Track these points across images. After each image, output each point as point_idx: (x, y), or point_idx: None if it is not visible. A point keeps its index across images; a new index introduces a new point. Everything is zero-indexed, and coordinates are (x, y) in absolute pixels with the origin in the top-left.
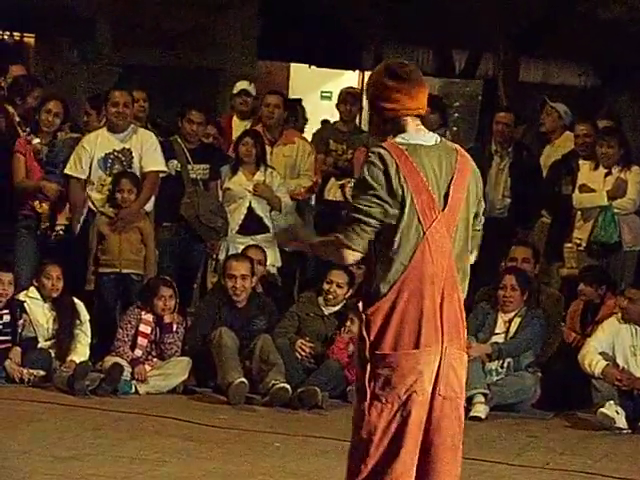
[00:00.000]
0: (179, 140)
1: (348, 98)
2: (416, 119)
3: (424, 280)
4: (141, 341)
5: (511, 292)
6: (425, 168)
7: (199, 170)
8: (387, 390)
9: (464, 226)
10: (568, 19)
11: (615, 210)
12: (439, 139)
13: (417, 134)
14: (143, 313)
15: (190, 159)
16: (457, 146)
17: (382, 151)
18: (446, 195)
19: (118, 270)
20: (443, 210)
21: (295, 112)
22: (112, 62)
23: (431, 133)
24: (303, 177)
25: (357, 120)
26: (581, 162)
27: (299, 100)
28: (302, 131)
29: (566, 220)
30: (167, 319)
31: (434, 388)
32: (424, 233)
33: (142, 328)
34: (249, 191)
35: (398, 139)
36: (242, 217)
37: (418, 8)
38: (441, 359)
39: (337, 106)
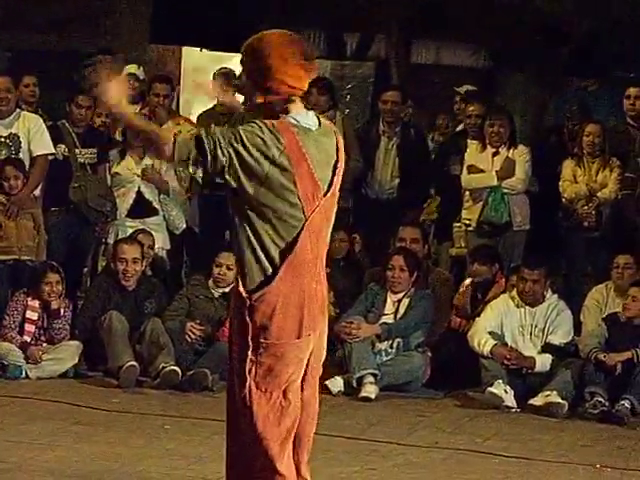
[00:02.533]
0: (66, 124)
1: (221, 79)
2: (301, 99)
3: (304, 267)
4: (28, 327)
5: (399, 273)
6: (311, 154)
7: (87, 154)
8: (268, 379)
9: (334, 209)
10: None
11: (505, 190)
12: (317, 121)
13: (305, 116)
14: (29, 299)
15: (78, 143)
16: (334, 127)
17: (272, 127)
18: (331, 180)
19: (17, 257)
20: (325, 195)
21: None
22: (2, 46)
23: (311, 113)
24: None
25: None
26: (469, 142)
27: None
28: None
29: (455, 200)
30: (54, 305)
31: (306, 370)
32: (306, 220)
33: (29, 314)
34: (138, 175)
35: (290, 119)
36: (131, 201)
37: None
38: (316, 342)
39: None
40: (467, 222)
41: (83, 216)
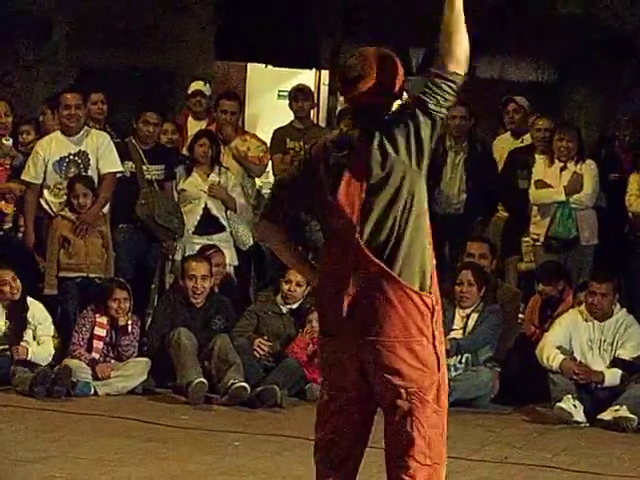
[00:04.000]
0: (134, 141)
1: (299, 95)
2: None
3: (342, 269)
4: (97, 344)
5: (468, 287)
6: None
7: (154, 171)
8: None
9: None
10: (523, 14)
11: (573, 205)
12: None
13: None
14: (97, 316)
15: (145, 160)
16: None
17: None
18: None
19: (85, 274)
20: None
21: None
22: (69, 63)
23: None
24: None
25: (312, 116)
26: (537, 156)
27: None
28: None
29: (522, 215)
30: (122, 321)
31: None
32: None
33: (97, 331)
34: (204, 192)
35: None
36: (198, 218)
37: (375, 4)
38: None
39: (290, 105)
40: (535, 237)
41: (150, 233)
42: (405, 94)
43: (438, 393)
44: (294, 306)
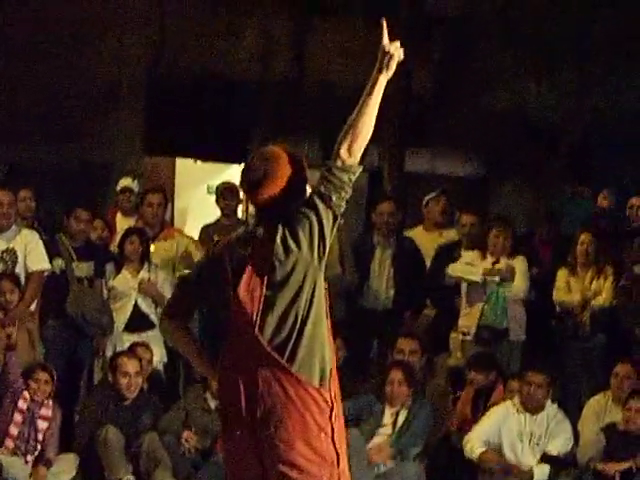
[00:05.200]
0: (63, 238)
1: (226, 193)
2: None
3: None
4: (12, 430)
5: (398, 387)
6: None
7: (84, 268)
8: None
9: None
10: (453, 108)
11: (506, 294)
12: None
13: None
14: (21, 402)
15: (74, 257)
16: None
17: None
18: None
19: None
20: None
21: None
22: None
23: None
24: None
25: (240, 212)
26: (463, 252)
27: None
28: None
29: (450, 310)
30: (43, 411)
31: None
32: None
33: (15, 416)
34: (134, 289)
35: None
36: (128, 314)
37: (304, 100)
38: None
39: (217, 202)
40: (465, 330)
41: (80, 330)
42: (308, 188)
43: None
44: None
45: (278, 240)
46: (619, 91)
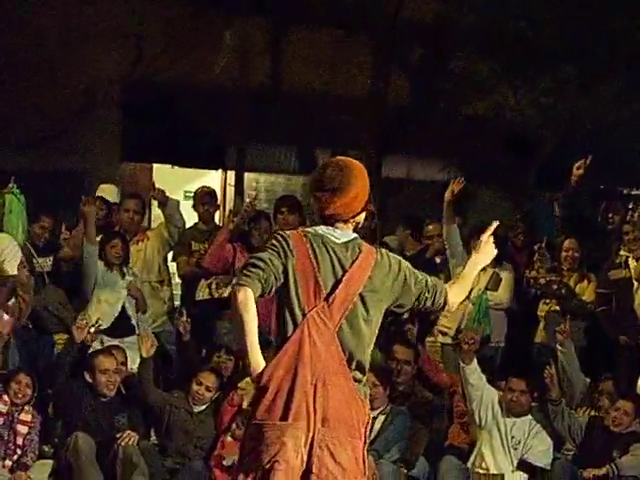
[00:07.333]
0: (28, 245)
1: (203, 199)
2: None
3: (300, 359)
4: None
5: (374, 389)
6: (320, 258)
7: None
8: (253, 458)
9: (360, 321)
10: (431, 115)
11: (490, 303)
12: (351, 238)
13: (328, 229)
14: (0, 405)
15: (35, 253)
16: (366, 246)
17: (284, 233)
18: (333, 289)
19: None
20: (327, 301)
21: None
22: None
23: (348, 232)
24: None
25: (217, 218)
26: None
27: None
28: None
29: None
30: (23, 416)
31: (307, 464)
32: (304, 315)
33: None
34: (124, 288)
35: (308, 229)
36: (116, 314)
37: (281, 107)
38: (313, 437)
39: (194, 207)
40: (445, 330)
41: (41, 327)
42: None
43: None
44: (201, 408)
45: (384, 261)
46: (596, 98)
